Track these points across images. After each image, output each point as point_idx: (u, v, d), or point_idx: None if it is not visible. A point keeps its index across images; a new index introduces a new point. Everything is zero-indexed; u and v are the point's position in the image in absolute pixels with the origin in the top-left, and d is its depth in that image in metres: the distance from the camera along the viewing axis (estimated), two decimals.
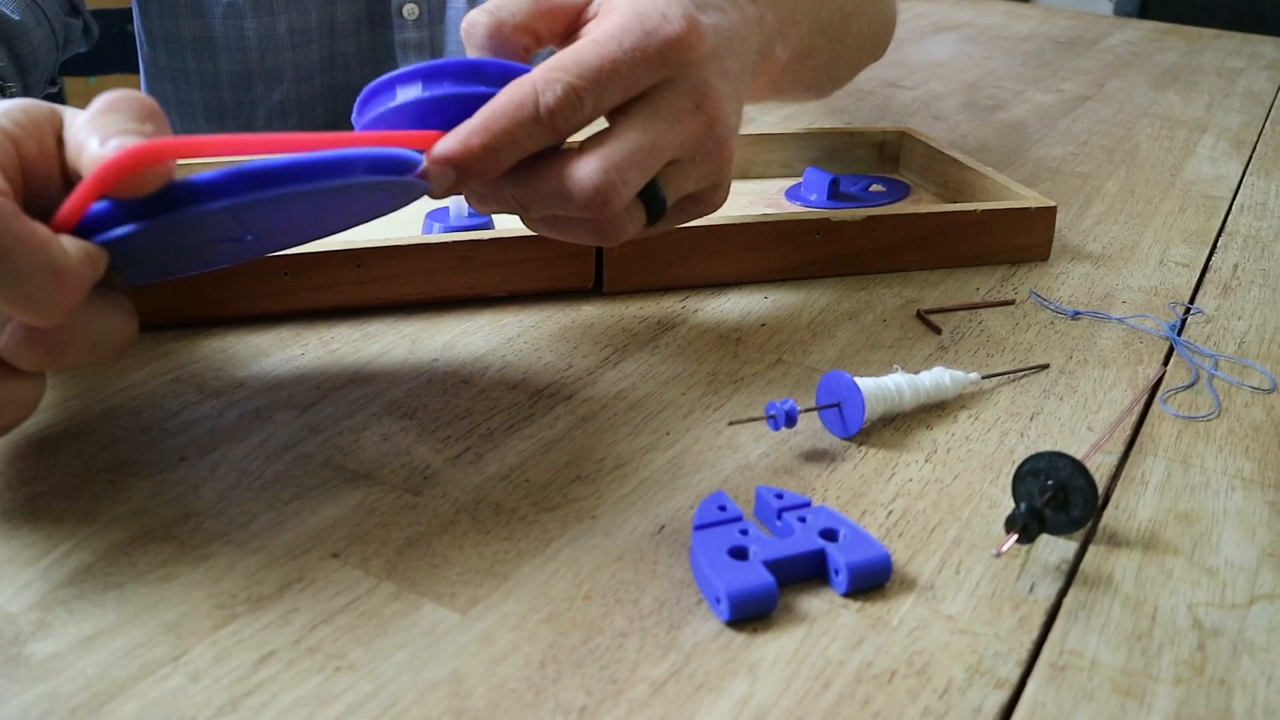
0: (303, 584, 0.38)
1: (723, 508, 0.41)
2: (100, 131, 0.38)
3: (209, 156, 0.40)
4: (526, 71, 0.46)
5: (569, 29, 0.51)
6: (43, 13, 0.81)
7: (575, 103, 0.45)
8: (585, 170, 0.45)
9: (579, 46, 0.46)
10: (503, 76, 0.46)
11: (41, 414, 0.47)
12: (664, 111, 0.47)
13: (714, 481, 0.45)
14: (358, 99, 0.48)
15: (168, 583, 0.38)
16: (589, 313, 0.58)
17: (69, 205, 0.37)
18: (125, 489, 0.43)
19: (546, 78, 0.45)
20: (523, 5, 0.50)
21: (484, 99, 0.45)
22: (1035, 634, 0.37)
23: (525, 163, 0.46)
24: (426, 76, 0.46)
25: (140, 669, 0.34)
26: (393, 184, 0.43)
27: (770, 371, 0.53)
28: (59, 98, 0.69)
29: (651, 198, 0.48)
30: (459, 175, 0.45)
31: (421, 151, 0.45)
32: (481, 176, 0.46)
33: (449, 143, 0.45)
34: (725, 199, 0.53)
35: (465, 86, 0.46)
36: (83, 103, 0.41)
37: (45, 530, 0.40)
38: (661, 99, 0.47)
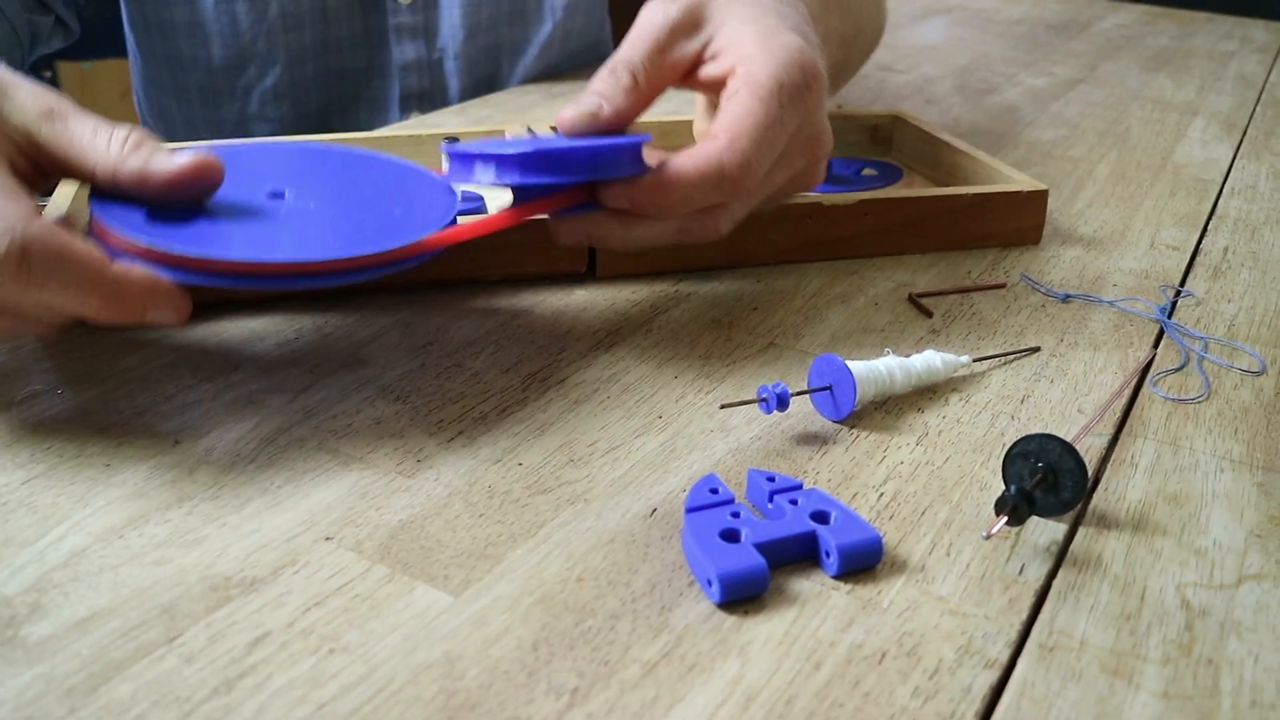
0: (296, 566, 0.38)
1: (714, 490, 0.41)
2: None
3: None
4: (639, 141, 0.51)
5: (689, 72, 0.55)
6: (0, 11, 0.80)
7: (755, 169, 0.50)
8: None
9: (745, 109, 0.50)
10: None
11: (37, 398, 0.47)
12: (789, 154, 0.53)
13: (706, 464, 0.45)
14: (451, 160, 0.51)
15: (162, 565, 0.38)
16: (581, 297, 0.59)
17: None
18: (120, 473, 0.43)
19: (732, 149, 0.49)
20: (644, 74, 0.53)
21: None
22: (1025, 615, 0.38)
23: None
24: (526, 166, 0.49)
25: (135, 651, 0.34)
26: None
27: (762, 355, 0.54)
28: (53, 83, 0.68)
29: None
30: (638, 211, 0.51)
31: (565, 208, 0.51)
32: (657, 219, 0.52)
33: (639, 194, 0.50)
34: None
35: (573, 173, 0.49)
36: (77, 88, 0.41)
37: (40, 513, 0.40)
38: (793, 140, 0.53)
